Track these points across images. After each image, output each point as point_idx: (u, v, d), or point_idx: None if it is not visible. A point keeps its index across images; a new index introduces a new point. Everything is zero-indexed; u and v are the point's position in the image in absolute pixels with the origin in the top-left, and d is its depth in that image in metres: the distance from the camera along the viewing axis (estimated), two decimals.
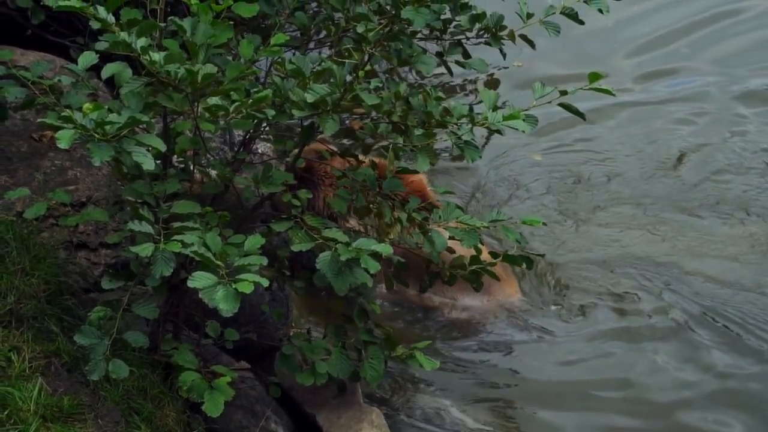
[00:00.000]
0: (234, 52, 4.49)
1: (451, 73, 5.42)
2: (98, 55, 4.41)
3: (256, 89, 4.18)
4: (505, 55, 5.26)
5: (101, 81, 4.83)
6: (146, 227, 3.98)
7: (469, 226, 4.57)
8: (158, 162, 4.25)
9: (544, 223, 4.89)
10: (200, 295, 3.67)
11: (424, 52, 4.76)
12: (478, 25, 5.09)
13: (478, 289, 5.05)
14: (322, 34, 5.14)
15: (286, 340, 4.95)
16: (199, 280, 3.69)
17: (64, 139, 3.70)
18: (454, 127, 4.45)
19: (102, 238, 5.15)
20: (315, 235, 4.30)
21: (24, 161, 5.28)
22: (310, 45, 5.23)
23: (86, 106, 3.83)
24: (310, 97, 4.21)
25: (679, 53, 8.97)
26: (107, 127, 3.77)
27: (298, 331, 5.15)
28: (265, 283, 3.70)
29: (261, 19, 5.12)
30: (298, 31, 5.23)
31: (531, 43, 5.11)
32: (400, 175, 4.81)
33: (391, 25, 4.40)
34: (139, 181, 4.25)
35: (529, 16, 4.97)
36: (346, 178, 4.81)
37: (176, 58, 3.99)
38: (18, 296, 4.45)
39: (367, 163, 4.89)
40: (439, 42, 5.22)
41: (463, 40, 5.20)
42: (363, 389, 5.32)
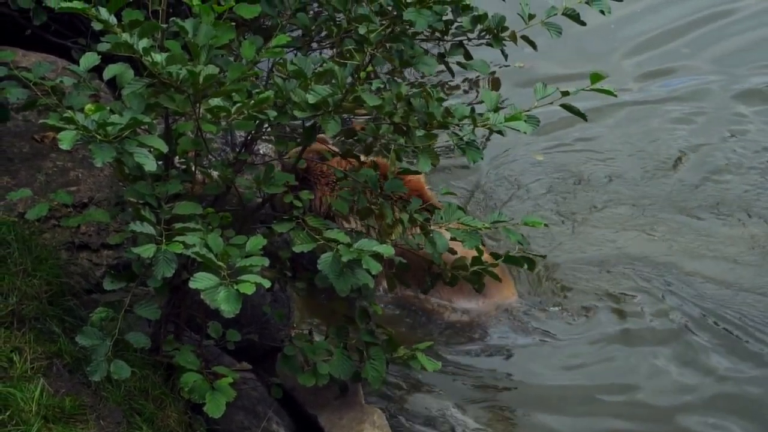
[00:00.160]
0: (235, 53, 4.49)
1: (453, 74, 5.41)
2: (100, 57, 4.42)
3: (257, 90, 4.18)
4: (506, 56, 5.26)
5: (103, 82, 4.82)
6: (148, 228, 3.99)
7: (470, 227, 4.57)
8: (160, 163, 4.25)
9: (546, 225, 4.88)
10: (202, 296, 3.67)
11: (426, 52, 4.76)
12: (479, 26, 5.08)
13: (480, 291, 5.05)
14: (323, 34, 5.13)
15: (287, 341, 4.96)
16: (200, 281, 3.69)
17: (66, 140, 3.70)
18: (456, 128, 4.45)
19: (104, 239, 5.16)
20: (316, 236, 4.30)
21: (26, 162, 5.28)
22: (312, 46, 5.22)
23: (88, 107, 3.83)
24: (311, 98, 4.21)
25: (679, 52, 8.95)
26: (109, 128, 3.77)
27: (300, 332, 5.15)
28: (267, 284, 3.70)
29: (263, 20, 5.12)
30: (300, 32, 5.23)
31: (533, 44, 5.10)
32: (401, 175, 4.82)
33: (392, 26, 4.40)
34: (141, 182, 4.25)
35: (531, 17, 4.96)
36: (348, 179, 4.81)
37: (178, 59, 3.99)
38: (20, 297, 4.45)
39: (369, 164, 4.89)
40: (441, 43, 5.21)
41: (465, 41, 5.20)
42: (364, 390, 5.32)
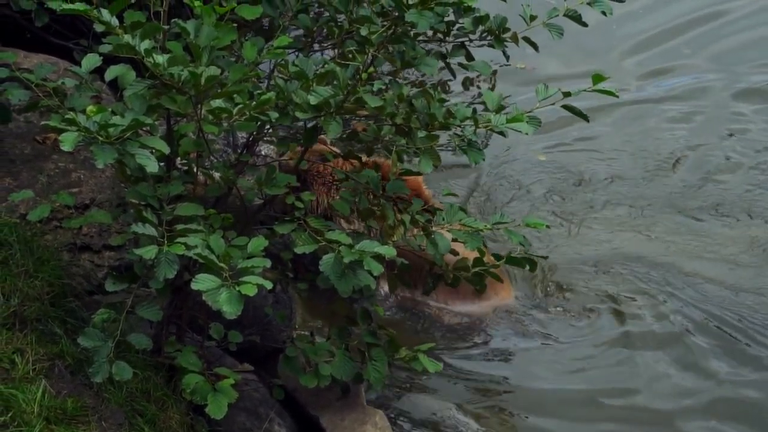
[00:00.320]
0: (237, 55, 4.49)
1: (454, 75, 5.42)
2: (102, 58, 4.42)
3: (259, 91, 4.19)
4: (508, 57, 5.26)
5: (105, 83, 4.83)
6: (150, 229, 3.99)
7: (472, 229, 4.57)
8: (162, 164, 4.25)
9: (548, 226, 4.87)
10: (204, 298, 3.67)
11: (428, 53, 4.76)
12: (481, 28, 5.08)
13: (482, 292, 5.05)
14: (324, 33, 5.13)
15: (289, 342, 4.96)
16: (202, 282, 3.69)
17: (68, 141, 3.70)
18: (458, 129, 4.45)
19: (105, 241, 5.16)
20: (318, 238, 4.30)
21: (27, 163, 5.28)
22: (314, 47, 5.23)
23: (90, 108, 3.83)
24: (313, 100, 4.21)
25: (678, 51, 8.89)
26: (111, 130, 3.77)
27: (302, 333, 5.15)
28: (269, 285, 3.70)
29: (264, 21, 5.12)
30: (302, 33, 5.23)
31: (534, 46, 5.10)
32: (402, 176, 4.82)
33: (394, 27, 4.39)
34: (143, 184, 4.25)
35: (533, 18, 4.97)
36: (349, 180, 4.81)
37: (180, 60, 3.99)
38: (22, 298, 4.45)
39: (370, 165, 4.89)
40: (442, 44, 5.21)
41: (466, 42, 5.20)
42: (366, 391, 5.32)
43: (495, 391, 5.79)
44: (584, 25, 4.94)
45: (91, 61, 4.46)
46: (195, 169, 4.49)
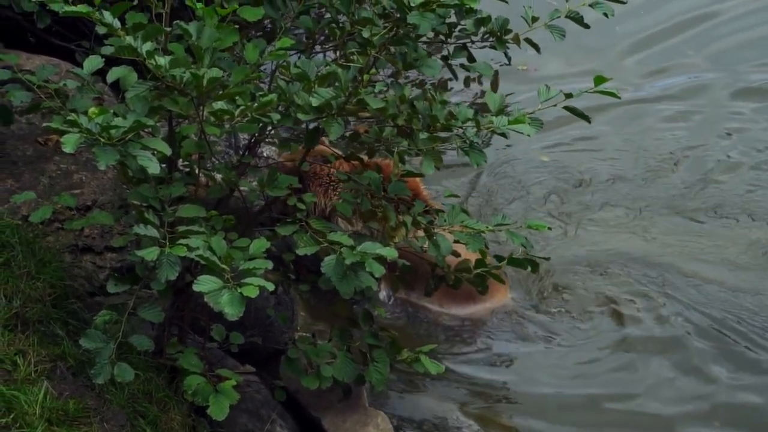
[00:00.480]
0: (239, 56, 4.49)
1: (456, 76, 5.42)
2: (104, 60, 4.42)
3: (261, 93, 4.19)
4: (509, 59, 5.26)
5: (107, 85, 4.83)
6: (151, 231, 3.99)
7: (474, 230, 4.56)
8: (163, 166, 4.25)
9: (549, 228, 4.86)
10: (205, 299, 3.67)
11: (429, 55, 4.76)
12: (483, 29, 5.09)
13: (484, 293, 5.05)
14: (326, 34, 5.13)
15: (291, 344, 4.95)
16: (204, 283, 3.69)
17: (70, 143, 3.71)
18: (459, 130, 4.45)
19: (107, 242, 5.16)
20: (320, 239, 4.30)
21: (29, 165, 5.29)
22: (315, 48, 5.23)
23: (92, 110, 3.84)
24: (315, 101, 4.21)
25: (677, 49, 8.84)
26: (112, 131, 3.77)
27: (304, 334, 5.15)
28: (271, 287, 3.70)
29: (266, 23, 5.12)
30: (304, 35, 5.23)
31: (536, 47, 5.11)
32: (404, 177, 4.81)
33: (396, 28, 4.39)
34: (145, 185, 4.26)
35: (534, 19, 4.97)
36: (351, 182, 4.81)
37: (182, 62, 3.99)
38: (23, 300, 4.46)
39: (372, 166, 4.89)
40: (444, 45, 5.21)
41: (468, 44, 5.20)
42: (368, 393, 5.32)
43: (496, 395, 5.77)
44: (586, 26, 4.94)
45: (93, 63, 4.46)
46: (197, 171, 4.50)
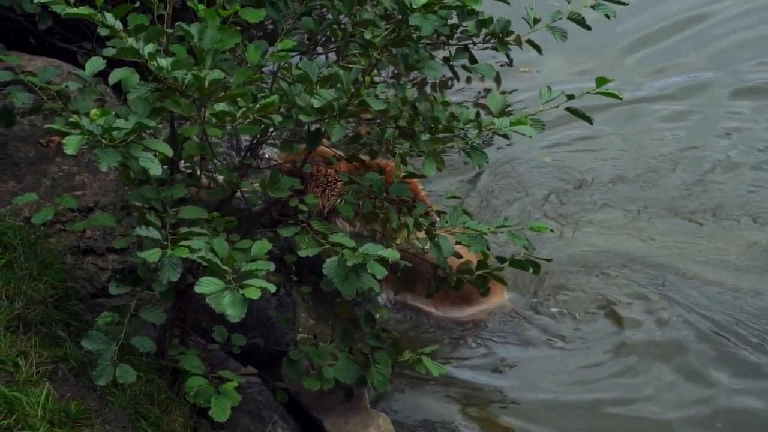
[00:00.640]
0: (241, 58, 4.49)
1: (458, 78, 5.41)
2: (105, 61, 4.42)
3: (262, 94, 4.19)
4: (511, 60, 5.26)
5: (108, 86, 4.83)
6: (153, 232, 3.99)
7: (475, 232, 4.56)
8: (165, 167, 4.26)
9: (552, 230, 4.85)
10: (207, 301, 3.67)
11: (431, 57, 4.76)
12: (484, 31, 5.09)
13: (485, 295, 5.04)
14: (328, 35, 5.13)
15: (293, 345, 4.95)
16: (206, 285, 3.69)
17: (72, 144, 3.71)
18: (461, 132, 4.45)
19: (109, 244, 5.17)
20: (322, 241, 4.30)
21: (31, 166, 5.29)
22: (317, 50, 5.23)
23: (93, 111, 3.84)
24: (316, 103, 4.21)
25: (677, 48, 8.79)
26: (114, 133, 3.77)
27: (305, 336, 5.14)
28: (272, 288, 3.70)
29: (267, 24, 5.13)
30: (305, 36, 5.24)
31: (538, 49, 5.10)
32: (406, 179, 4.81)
33: (397, 30, 4.39)
34: (146, 187, 4.26)
35: (536, 21, 4.96)
36: (353, 183, 4.81)
37: (183, 63, 3.99)
38: (25, 301, 4.46)
39: (374, 167, 4.89)
40: (446, 47, 5.21)
41: (470, 45, 5.20)
42: (369, 394, 5.32)
43: (497, 398, 5.75)
44: (588, 28, 4.94)
45: (95, 65, 4.46)
46: (198, 172, 4.50)
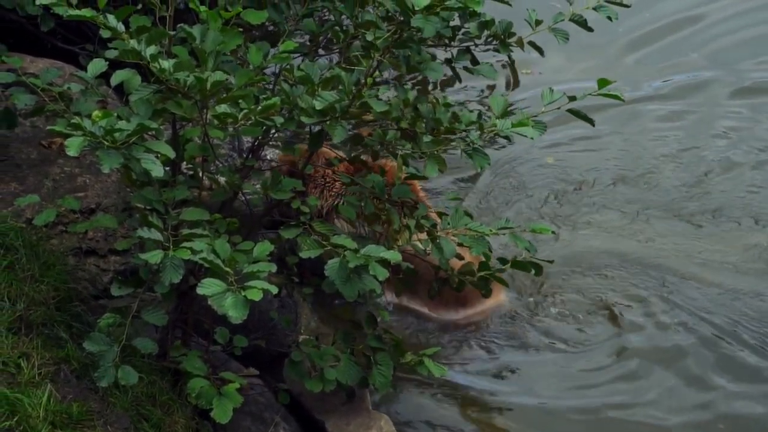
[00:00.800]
0: (243, 59, 4.50)
1: (460, 79, 5.41)
2: (107, 63, 4.43)
3: (264, 96, 4.19)
4: (513, 62, 5.27)
5: (110, 88, 4.83)
6: (155, 234, 3.99)
7: (477, 233, 4.56)
8: (167, 169, 4.26)
9: (553, 232, 4.85)
10: (209, 302, 3.67)
11: (433, 58, 4.76)
12: (486, 32, 5.09)
13: (487, 296, 5.04)
14: (329, 37, 5.14)
15: (294, 347, 4.96)
16: (208, 287, 3.69)
17: (74, 146, 3.71)
18: (463, 133, 4.45)
19: (111, 245, 5.17)
20: (324, 242, 4.30)
21: (33, 168, 5.29)
22: (319, 52, 5.23)
23: (95, 113, 3.84)
24: (318, 104, 4.22)
25: (677, 48, 8.76)
26: (116, 134, 3.78)
27: (307, 337, 5.14)
28: (274, 290, 3.70)
29: (269, 26, 5.13)
30: (308, 38, 5.24)
31: (540, 50, 5.11)
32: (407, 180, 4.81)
33: (399, 31, 4.40)
34: (148, 188, 4.26)
35: (538, 22, 4.97)
36: (355, 185, 4.82)
37: (185, 65, 4.00)
38: (27, 303, 4.46)
39: (376, 168, 4.89)
40: (448, 48, 5.21)
41: (472, 47, 5.20)
42: (371, 396, 5.32)
43: (498, 401, 5.72)
44: (590, 30, 4.95)
45: (97, 66, 4.46)
46: (200, 174, 4.50)
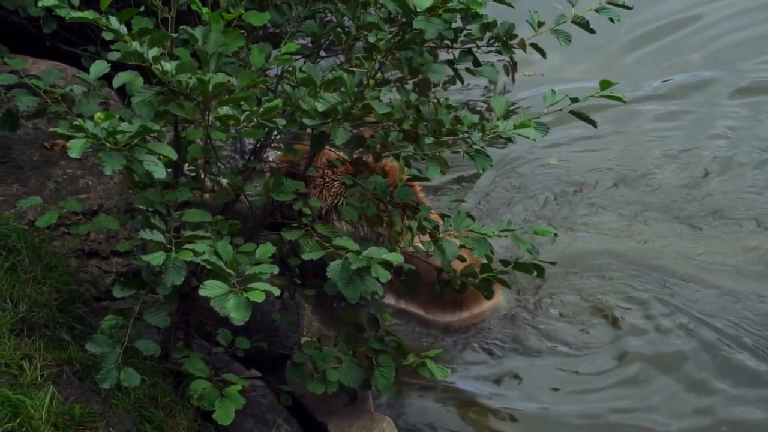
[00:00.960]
0: (245, 61, 4.50)
1: (462, 81, 5.41)
2: (110, 64, 4.43)
3: (266, 98, 4.19)
4: (515, 64, 5.26)
5: (113, 90, 4.84)
6: (157, 236, 3.99)
7: (480, 235, 4.56)
8: (169, 170, 4.26)
9: (555, 234, 4.84)
10: (211, 304, 3.67)
11: (435, 60, 4.76)
12: (488, 34, 5.08)
13: (489, 298, 5.04)
14: (331, 39, 5.14)
15: (297, 349, 4.96)
16: (210, 288, 3.69)
17: (76, 148, 3.71)
18: (465, 135, 4.45)
19: (113, 247, 5.17)
20: (326, 244, 4.30)
21: (36, 170, 5.29)
22: (321, 53, 5.23)
23: (98, 115, 3.84)
24: (320, 106, 4.22)
25: (678, 47, 8.77)
26: (118, 136, 3.78)
27: (309, 339, 5.14)
28: (276, 292, 3.70)
29: (271, 28, 5.13)
30: (309, 40, 5.24)
31: (542, 52, 5.10)
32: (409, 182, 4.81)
33: (401, 33, 4.40)
34: (150, 190, 4.26)
35: (540, 24, 4.96)
36: (356, 186, 4.81)
37: (187, 67, 4.00)
38: (30, 304, 4.46)
39: (378, 169, 4.89)
40: (450, 50, 5.21)
41: (474, 48, 5.20)
42: (374, 398, 5.32)
43: (499, 405, 5.72)
44: (592, 31, 4.95)
45: (99, 68, 4.46)
46: (202, 176, 4.50)
